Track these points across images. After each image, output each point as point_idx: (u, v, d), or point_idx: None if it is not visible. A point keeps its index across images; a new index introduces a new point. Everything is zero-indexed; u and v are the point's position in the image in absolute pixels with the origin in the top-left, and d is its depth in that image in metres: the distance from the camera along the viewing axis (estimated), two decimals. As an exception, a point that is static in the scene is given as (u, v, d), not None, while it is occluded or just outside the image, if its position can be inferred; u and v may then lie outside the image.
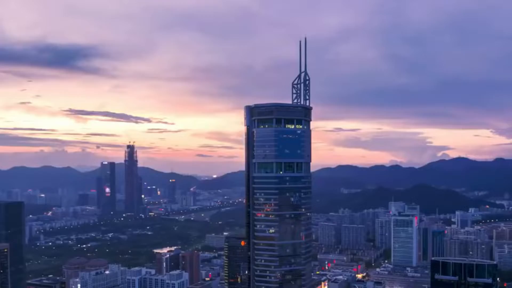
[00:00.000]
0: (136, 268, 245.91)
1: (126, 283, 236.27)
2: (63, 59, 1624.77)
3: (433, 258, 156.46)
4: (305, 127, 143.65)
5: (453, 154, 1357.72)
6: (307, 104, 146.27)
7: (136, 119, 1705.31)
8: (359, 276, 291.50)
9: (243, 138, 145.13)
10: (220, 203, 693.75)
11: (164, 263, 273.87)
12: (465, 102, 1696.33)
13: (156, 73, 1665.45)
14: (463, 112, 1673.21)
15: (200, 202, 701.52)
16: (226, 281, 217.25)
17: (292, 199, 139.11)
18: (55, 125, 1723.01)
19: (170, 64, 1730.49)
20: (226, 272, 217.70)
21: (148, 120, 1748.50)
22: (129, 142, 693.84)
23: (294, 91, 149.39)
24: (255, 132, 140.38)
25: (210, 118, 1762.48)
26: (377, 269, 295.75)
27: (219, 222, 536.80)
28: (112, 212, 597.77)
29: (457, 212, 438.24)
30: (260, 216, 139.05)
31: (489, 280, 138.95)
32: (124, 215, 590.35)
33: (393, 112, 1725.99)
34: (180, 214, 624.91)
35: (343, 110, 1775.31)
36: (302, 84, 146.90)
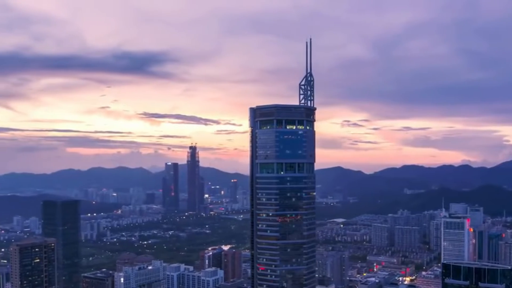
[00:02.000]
0: (175, 265, 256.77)
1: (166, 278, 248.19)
2: (138, 65, 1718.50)
3: (444, 261, 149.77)
4: (307, 127, 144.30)
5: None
6: (311, 104, 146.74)
7: (206, 121, 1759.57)
8: (407, 279, 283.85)
9: (248, 139, 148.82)
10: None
11: (207, 261, 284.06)
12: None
13: (225, 75, 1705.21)
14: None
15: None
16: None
17: (293, 199, 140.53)
18: (131, 128, 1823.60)
19: (238, 67, 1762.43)
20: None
21: (217, 122, 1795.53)
22: (191, 143, 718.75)
23: (301, 92, 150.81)
24: (257, 133, 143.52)
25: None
26: (423, 273, 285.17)
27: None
28: (175, 211, 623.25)
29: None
30: (262, 216, 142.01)
31: (502, 286, 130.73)
32: (186, 213, 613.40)
33: (466, 109, 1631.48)
34: (239, 213, 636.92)
35: (412, 108, 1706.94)
36: (307, 85, 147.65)
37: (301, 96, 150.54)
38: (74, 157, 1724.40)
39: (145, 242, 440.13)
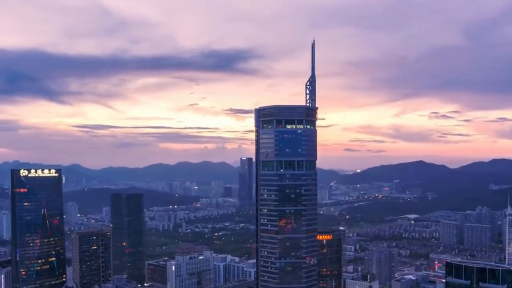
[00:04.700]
0: (222, 255, 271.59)
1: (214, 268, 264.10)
2: (224, 62, 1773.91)
3: (448, 260, 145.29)
4: (307, 126, 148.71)
5: None
6: (313, 104, 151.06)
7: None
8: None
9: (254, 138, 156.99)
10: (355, 197, 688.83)
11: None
12: None
13: (307, 70, 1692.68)
14: None
15: (335, 196, 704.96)
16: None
17: (292, 196, 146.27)
18: (218, 123, 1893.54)
19: (321, 61, 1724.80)
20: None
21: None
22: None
23: (307, 92, 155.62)
24: (260, 132, 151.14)
25: (360, 112, 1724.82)
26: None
27: (347, 217, 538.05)
28: (249, 204, 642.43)
29: None
30: (264, 211, 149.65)
31: (503, 287, 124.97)
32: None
33: None
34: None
35: (508, 97, 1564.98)
36: (310, 86, 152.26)
37: (307, 96, 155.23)
38: (165, 152, 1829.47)
39: (215, 234, 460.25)
